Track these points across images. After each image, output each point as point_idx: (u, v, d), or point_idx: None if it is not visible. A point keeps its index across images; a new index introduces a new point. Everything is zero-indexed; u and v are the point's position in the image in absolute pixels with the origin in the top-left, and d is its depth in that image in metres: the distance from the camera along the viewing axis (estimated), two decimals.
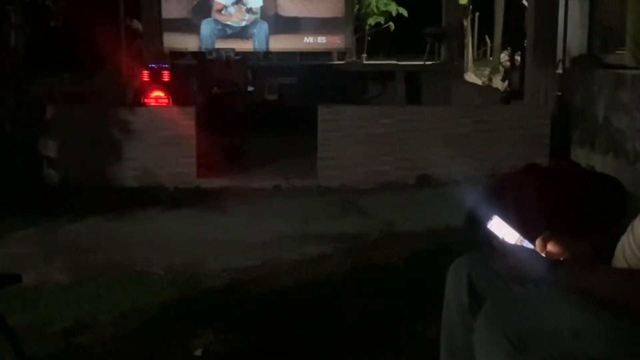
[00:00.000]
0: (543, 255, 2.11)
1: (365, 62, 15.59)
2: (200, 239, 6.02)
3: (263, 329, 4.10)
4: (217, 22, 14.58)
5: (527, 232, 2.19)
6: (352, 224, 6.48)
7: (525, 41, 9.75)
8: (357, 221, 6.61)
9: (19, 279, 3.15)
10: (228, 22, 14.63)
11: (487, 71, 18.80)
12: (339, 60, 14.78)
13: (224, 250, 5.67)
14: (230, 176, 8.28)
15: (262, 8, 14.61)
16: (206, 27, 14.52)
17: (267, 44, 14.50)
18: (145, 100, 9.45)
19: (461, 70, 14.68)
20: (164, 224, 6.60)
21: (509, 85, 13.84)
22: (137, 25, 14.11)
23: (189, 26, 14.52)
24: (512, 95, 10.78)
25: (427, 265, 4.97)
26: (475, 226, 2.43)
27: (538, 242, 2.15)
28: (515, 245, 2.12)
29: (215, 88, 9.86)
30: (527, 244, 2.17)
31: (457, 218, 5.51)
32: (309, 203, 7.40)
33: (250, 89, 10.67)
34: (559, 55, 10.03)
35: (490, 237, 2.19)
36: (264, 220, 6.66)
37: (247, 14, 14.53)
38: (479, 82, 16.05)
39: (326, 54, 14.91)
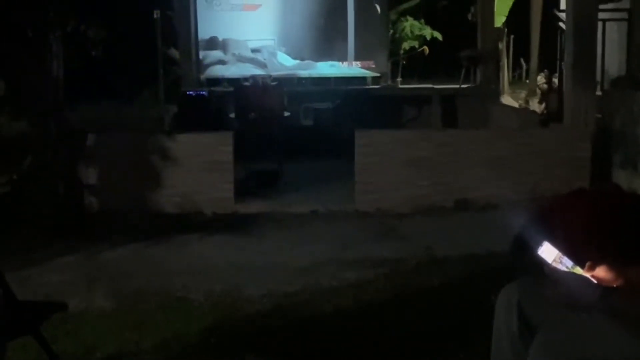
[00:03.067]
0: (594, 281, 2.07)
1: (400, 86, 15.58)
2: (240, 265, 6.03)
3: (303, 355, 4.08)
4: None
5: (577, 257, 2.15)
6: (391, 249, 6.43)
7: (562, 63, 9.67)
8: (396, 246, 6.56)
9: (65, 307, 3.18)
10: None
11: (523, 94, 18.68)
12: (373, 84, 14.79)
13: (264, 275, 5.66)
14: (267, 201, 8.31)
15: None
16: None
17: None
18: (184, 127, 9.55)
19: (497, 93, 14.59)
20: (203, 249, 6.63)
21: (546, 107, 13.74)
22: (174, 53, 14.32)
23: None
24: (550, 117, 10.68)
25: (469, 291, 4.91)
26: (524, 252, 2.39)
27: (588, 267, 2.10)
28: (567, 272, 2.08)
29: (252, 114, 9.94)
30: (567, 262, 2.12)
31: (497, 242, 5.45)
32: (347, 228, 7.37)
33: (286, 114, 10.73)
34: (597, 76, 9.93)
35: (541, 264, 2.15)
36: (302, 246, 6.65)
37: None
38: (515, 104, 15.94)
39: (361, 78, 14.94)
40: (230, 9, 14.19)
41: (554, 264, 2.11)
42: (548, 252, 2.12)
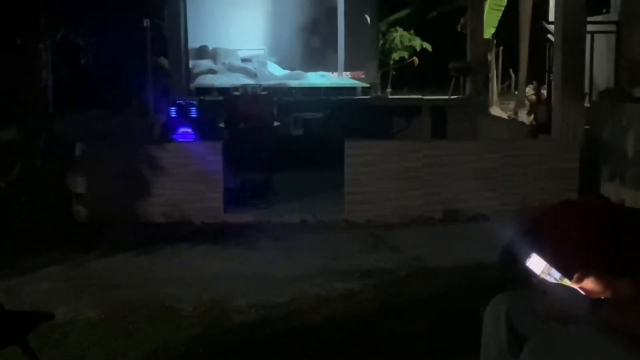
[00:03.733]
0: (583, 293, 2.07)
1: (390, 96, 15.62)
2: (228, 275, 6.01)
3: None
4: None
5: (565, 269, 2.16)
6: (381, 260, 6.43)
7: (551, 75, 9.73)
8: (386, 256, 6.57)
9: (52, 316, 3.16)
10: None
11: (512, 105, 18.75)
12: (363, 95, 14.83)
13: (252, 286, 5.65)
14: (257, 211, 8.30)
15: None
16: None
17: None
18: (173, 136, 9.54)
19: (486, 104, 14.65)
20: (192, 259, 6.61)
21: (535, 119, 13.80)
22: (164, 62, 14.30)
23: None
24: (539, 129, 10.73)
25: (458, 302, 4.92)
26: (512, 263, 2.40)
27: (576, 279, 2.11)
28: (555, 284, 2.08)
29: (242, 123, 9.93)
30: (554, 273, 2.13)
31: (486, 254, 5.45)
32: (336, 238, 7.37)
33: (276, 124, 10.73)
34: (586, 88, 9.99)
35: (529, 275, 2.16)
36: (291, 256, 6.64)
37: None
38: (504, 116, 16.00)
39: (351, 88, 14.97)
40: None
41: (543, 276, 2.12)
42: (536, 263, 2.12)
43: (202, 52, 14.47)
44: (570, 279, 2.20)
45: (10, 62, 7.78)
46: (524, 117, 15.49)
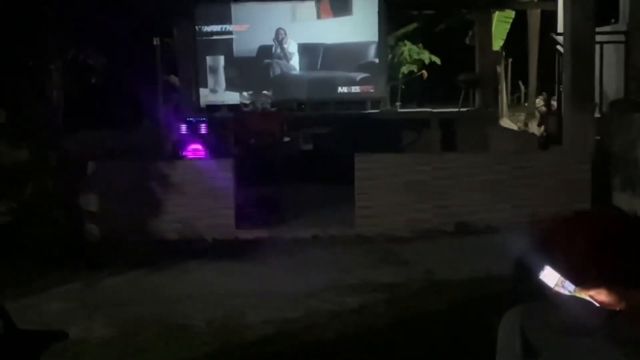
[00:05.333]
0: (597, 305, 2.05)
1: (399, 110, 15.62)
2: (240, 291, 6.01)
3: None
4: None
5: (578, 281, 2.14)
6: (392, 273, 6.42)
7: (561, 86, 9.71)
8: (397, 270, 6.55)
9: (66, 335, 3.17)
10: None
11: (522, 116, 18.72)
12: (372, 109, 14.83)
13: (265, 302, 5.65)
14: (268, 227, 8.30)
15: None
16: None
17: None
18: (184, 153, 9.58)
19: (496, 116, 14.63)
20: (204, 276, 6.61)
21: (545, 130, 13.76)
22: (174, 80, 14.38)
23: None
24: (549, 140, 10.70)
25: (470, 315, 4.90)
26: (525, 276, 2.39)
27: (589, 291, 2.09)
28: (569, 296, 2.07)
29: (252, 139, 9.97)
30: (569, 285, 2.11)
31: (498, 266, 5.45)
32: (347, 252, 7.36)
33: (286, 139, 10.76)
34: (596, 99, 9.97)
35: (543, 288, 2.15)
36: (303, 271, 6.64)
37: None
38: (514, 127, 15.97)
39: (360, 103, 14.98)
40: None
41: (557, 288, 2.10)
42: (550, 276, 2.11)
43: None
44: (584, 291, 2.18)
45: (22, 83, 7.84)
46: (535, 128, 15.45)
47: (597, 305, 2.05)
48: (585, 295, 2.08)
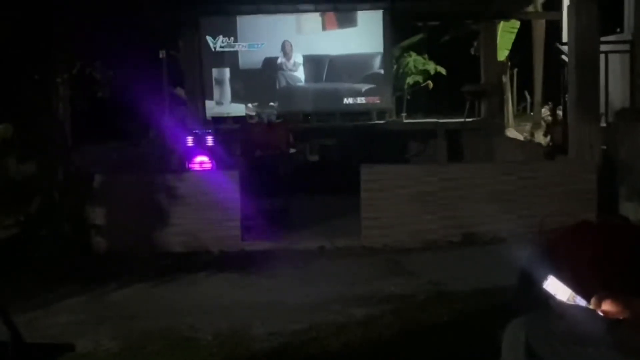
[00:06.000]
0: (601, 315, 2.05)
1: (405, 120, 15.63)
2: (247, 303, 6.01)
3: None
4: None
5: (583, 290, 2.14)
6: (399, 285, 6.41)
7: (566, 95, 9.71)
8: (404, 281, 6.55)
9: (72, 348, 3.18)
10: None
11: (528, 126, 18.71)
12: (378, 119, 14.85)
13: (271, 313, 5.64)
14: (274, 238, 8.30)
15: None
16: None
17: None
18: (190, 165, 9.60)
19: (502, 127, 14.63)
20: (211, 288, 6.62)
21: (551, 140, 13.75)
22: (180, 92, 14.44)
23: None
24: (555, 150, 10.69)
25: (478, 326, 4.88)
26: (529, 286, 2.38)
27: (594, 301, 2.09)
28: (573, 306, 2.07)
29: (258, 151, 9.98)
30: (581, 301, 2.11)
31: (505, 277, 5.42)
32: (354, 264, 7.36)
33: (291, 150, 10.76)
34: (602, 108, 9.95)
35: (547, 298, 2.15)
36: (309, 283, 6.63)
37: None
38: (520, 137, 15.98)
39: (366, 114, 15.00)
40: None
41: (569, 302, 2.10)
42: (554, 285, 2.11)
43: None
44: (588, 300, 2.17)
45: (29, 96, 7.88)
46: (540, 138, 15.44)
47: (602, 314, 2.05)
48: (589, 304, 2.08)
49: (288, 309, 5.78)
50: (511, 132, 16.22)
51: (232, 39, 14.31)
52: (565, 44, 10.20)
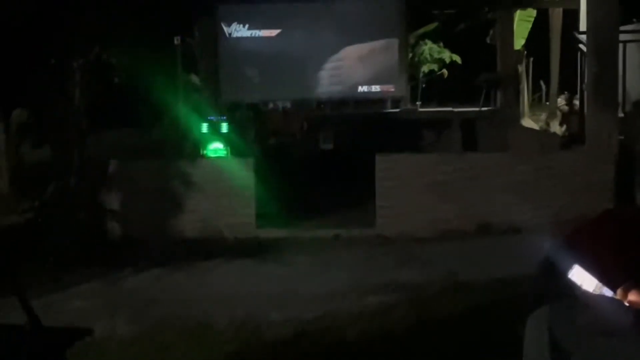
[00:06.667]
0: (628, 305, 2.02)
1: (419, 109, 15.55)
2: (262, 290, 6.01)
3: None
4: None
5: (609, 281, 2.11)
6: (414, 274, 6.38)
7: (583, 85, 9.62)
8: (419, 271, 6.51)
9: (90, 332, 3.17)
10: None
11: (543, 116, 18.57)
12: (393, 108, 14.77)
13: (286, 301, 5.64)
14: (289, 226, 8.28)
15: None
16: None
17: None
18: (205, 152, 9.59)
19: (517, 116, 14.53)
20: (225, 275, 6.62)
21: (567, 129, 13.65)
22: (194, 79, 14.41)
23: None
24: (572, 140, 10.60)
25: (494, 316, 4.85)
26: (553, 276, 2.35)
27: (620, 291, 2.06)
28: (599, 296, 2.04)
29: (272, 139, 9.97)
30: (607, 292, 2.08)
31: (520, 267, 5.38)
32: (369, 252, 7.34)
33: (306, 138, 10.74)
34: (619, 98, 9.86)
35: (572, 288, 2.12)
36: (324, 271, 6.62)
37: None
38: (536, 127, 15.86)
39: (380, 102, 14.92)
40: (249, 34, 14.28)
41: (585, 288, 2.07)
42: (580, 276, 2.08)
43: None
44: (615, 291, 2.14)
45: (44, 82, 7.89)
46: (556, 128, 15.33)
47: (628, 305, 2.02)
48: (612, 293, 2.05)
49: (303, 297, 5.77)
50: (526, 122, 16.10)
51: (247, 25, 14.28)
52: (583, 32, 10.11)
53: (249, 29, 14.25)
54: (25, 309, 2.76)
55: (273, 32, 14.37)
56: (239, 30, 14.28)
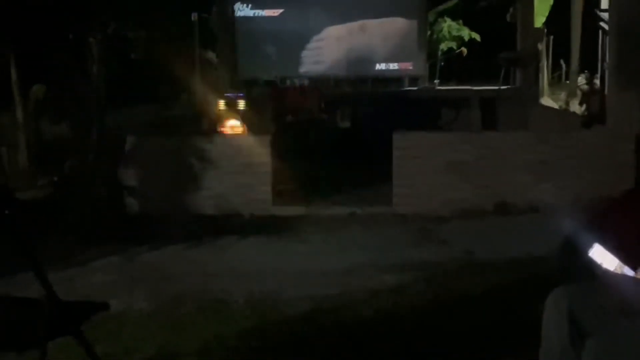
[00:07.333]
0: None
1: (438, 87, 15.45)
2: (278, 267, 6.01)
3: (344, 359, 4.03)
4: None
5: (630, 260, 2.08)
6: (431, 253, 6.35)
7: (604, 64, 9.49)
8: (436, 249, 6.49)
9: (107, 307, 3.18)
10: None
11: (563, 95, 18.41)
12: (411, 86, 14.69)
13: (302, 278, 5.63)
14: (305, 203, 8.28)
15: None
16: None
17: None
18: (222, 129, 9.59)
19: (537, 95, 14.40)
20: (242, 252, 6.63)
21: (587, 109, 13.52)
22: (211, 55, 14.40)
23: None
24: (592, 119, 10.50)
25: (511, 296, 4.82)
26: (574, 255, 2.32)
27: None
28: (620, 275, 2.01)
29: (289, 116, 9.94)
30: (628, 271, 2.05)
31: (539, 247, 5.36)
32: (385, 230, 7.32)
33: (323, 116, 10.70)
34: None
35: (592, 267, 2.09)
36: (341, 248, 6.61)
37: None
38: (555, 106, 15.72)
39: (398, 80, 14.84)
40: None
41: (607, 267, 2.05)
42: (600, 255, 2.06)
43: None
44: (636, 270, 2.12)
45: (62, 57, 7.89)
46: (576, 107, 15.21)
47: None
48: (638, 274, 2.02)
49: (320, 274, 5.75)
50: (546, 101, 15.97)
51: (263, 3, 14.22)
52: (604, 10, 9.97)
53: (264, 7, 14.20)
54: (42, 283, 2.77)
55: (289, 11, 14.30)
56: (255, 9, 14.22)
